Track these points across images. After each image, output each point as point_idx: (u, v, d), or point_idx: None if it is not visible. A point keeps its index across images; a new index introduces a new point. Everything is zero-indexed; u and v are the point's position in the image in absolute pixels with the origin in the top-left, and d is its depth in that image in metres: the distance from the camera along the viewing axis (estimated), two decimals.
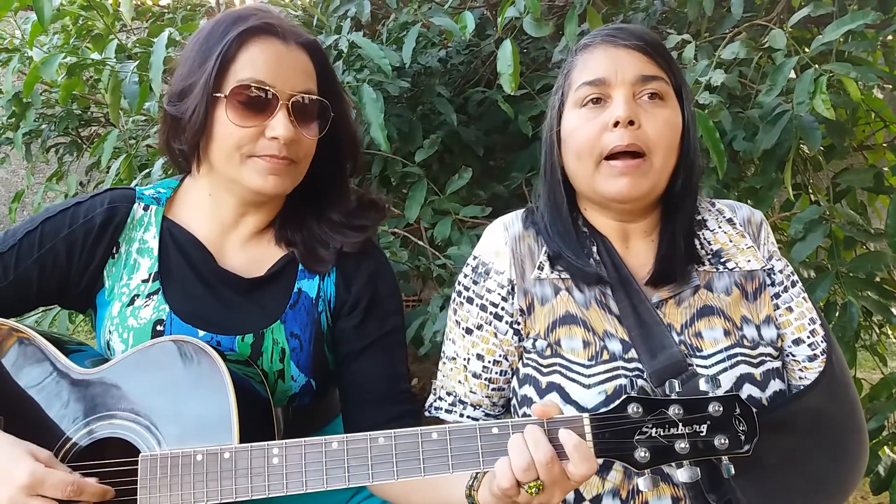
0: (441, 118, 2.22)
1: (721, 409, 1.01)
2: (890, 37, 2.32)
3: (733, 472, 1.01)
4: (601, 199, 1.27)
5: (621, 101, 1.19)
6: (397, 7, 2.26)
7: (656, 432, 1.01)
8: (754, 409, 1.02)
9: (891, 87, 2.40)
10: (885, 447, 1.96)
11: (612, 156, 1.20)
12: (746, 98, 2.08)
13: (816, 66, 1.69)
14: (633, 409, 1.02)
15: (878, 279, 2.02)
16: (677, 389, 1.03)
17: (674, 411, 1.01)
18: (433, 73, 2.31)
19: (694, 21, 2.17)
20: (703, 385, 1.04)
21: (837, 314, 1.87)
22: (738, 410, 1.02)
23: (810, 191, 2.44)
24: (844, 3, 1.94)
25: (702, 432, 1.01)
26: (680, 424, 1.01)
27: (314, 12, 2.31)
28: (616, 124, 1.18)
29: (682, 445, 1.00)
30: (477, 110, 2.44)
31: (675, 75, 1.26)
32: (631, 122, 1.18)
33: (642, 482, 1.01)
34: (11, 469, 1.01)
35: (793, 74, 1.78)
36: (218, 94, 1.20)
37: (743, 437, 1.01)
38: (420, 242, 2.14)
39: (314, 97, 1.26)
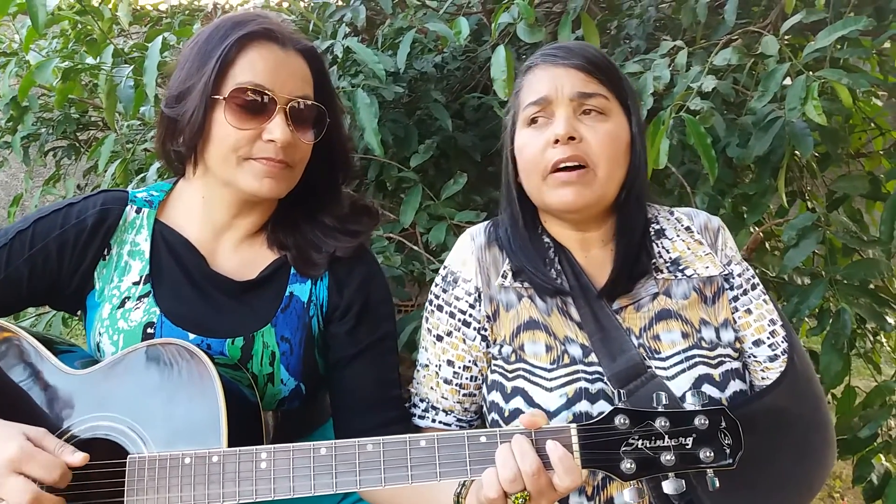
0: (437, 123, 2.23)
1: (707, 422, 1.02)
2: (887, 44, 2.32)
3: (717, 485, 1.02)
4: (552, 211, 1.31)
5: (562, 118, 1.24)
6: (393, 12, 2.27)
7: (643, 444, 1.02)
8: (740, 424, 1.03)
9: (887, 94, 2.40)
10: (880, 455, 1.96)
11: (557, 169, 1.25)
12: (741, 105, 2.09)
13: (810, 72, 1.69)
14: (620, 420, 1.02)
15: (872, 286, 2.02)
16: (664, 402, 1.04)
17: (660, 423, 1.02)
18: (429, 79, 2.32)
19: (688, 28, 2.18)
20: (689, 399, 1.05)
21: (831, 321, 1.87)
22: (723, 424, 1.03)
23: (807, 198, 2.45)
24: (840, 11, 1.94)
25: (687, 445, 1.02)
26: (666, 437, 1.02)
27: (310, 17, 2.32)
28: (557, 141, 1.23)
29: (667, 458, 1.01)
30: (473, 116, 2.44)
31: (618, 90, 1.29)
32: (571, 138, 1.23)
33: (628, 493, 1.02)
34: (2, 443, 1.01)
35: (789, 81, 1.79)
36: (216, 97, 1.20)
37: (728, 451, 1.02)
38: (415, 247, 2.14)
39: (311, 102, 1.27)
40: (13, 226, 1.27)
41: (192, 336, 1.25)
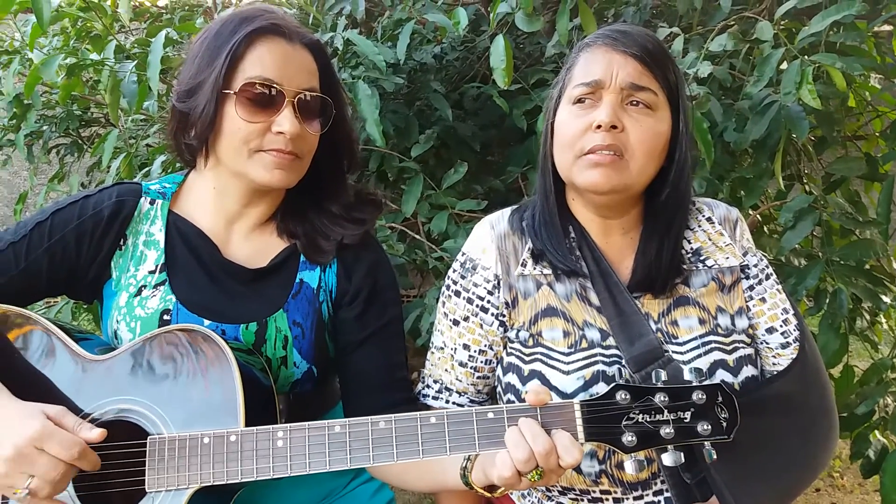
0: (437, 114, 2.25)
1: (704, 397, 1.06)
2: (887, 26, 2.34)
3: (715, 457, 1.05)
4: (579, 190, 1.31)
5: (608, 106, 1.22)
6: (392, 4, 2.29)
7: (643, 418, 1.06)
8: (736, 399, 1.06)
9: (884, 76, 2.42)
10: (876, 431, 1.99)
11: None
12: (738, 90, 2.11)
13: (805, 57, 1.72)
14: (621, 396, 1.06)
15: (867, 266, 2.05)
16: (663, 378, 1.08)
17: (660, 399, 1.06)
18: (428, 70, 2.34)
19: (684, 14, 2.20)
20: (687, 375, 1.08)
21: (828, 301, 1.90)
22: (720, 399, 1.07)
23: (805, 181, 2.48)
24: None
25: (686, 419, 1.06)
26: (665, 411, 1.06)
27: (310, 10, 2.34)
28: (598, 127, 1.22)
29: (667, 431, 1.05)
30: (473, 105, 2.47)
31: (669, 85, 1.27)
32: (613, 126, 1.21)
33: (629, 465, 1.06)
34: (23, 422, 1.05)
35: (785, 66, 1.81)
36: (227, 91, 1.23)
37: (725, 424, 1.06)
38: (417, 236, 2.17)
39: (317, 94, 1.30)
40: (31, 218, 1.30)
41: (207, 322, 1.28)
